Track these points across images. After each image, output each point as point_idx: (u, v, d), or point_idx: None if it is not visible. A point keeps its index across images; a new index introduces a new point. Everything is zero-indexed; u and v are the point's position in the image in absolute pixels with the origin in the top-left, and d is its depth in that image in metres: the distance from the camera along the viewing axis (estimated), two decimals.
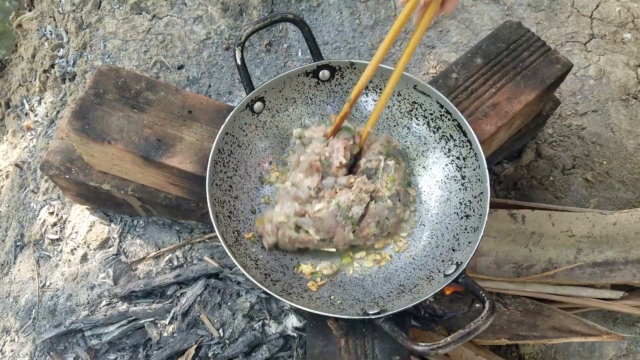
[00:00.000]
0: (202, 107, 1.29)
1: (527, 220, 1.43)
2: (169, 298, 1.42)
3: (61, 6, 1.98)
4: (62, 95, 1.86)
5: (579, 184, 1.70)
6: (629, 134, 1.78)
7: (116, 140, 1.22)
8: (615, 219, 1.43)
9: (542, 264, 1.38)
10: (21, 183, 1.75)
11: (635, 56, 1.91)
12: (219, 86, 1.81)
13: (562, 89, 1.84)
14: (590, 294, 1.39)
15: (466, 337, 0.90)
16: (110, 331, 1.39)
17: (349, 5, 1.97)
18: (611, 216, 1.44)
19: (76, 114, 1.24)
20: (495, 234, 1.41)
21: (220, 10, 1.92)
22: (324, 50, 1.89)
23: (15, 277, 1.58)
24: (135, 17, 1.90)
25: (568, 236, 1.41)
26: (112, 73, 1.31)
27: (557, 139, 1.76)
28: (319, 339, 1.08)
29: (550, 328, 1.34)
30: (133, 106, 1.27)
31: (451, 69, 1.36)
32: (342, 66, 1.24)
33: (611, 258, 1.39)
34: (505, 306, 1.37)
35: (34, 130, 1.86)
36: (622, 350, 1.48)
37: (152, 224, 1.53)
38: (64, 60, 1.90)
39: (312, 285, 1.12)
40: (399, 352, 1.04)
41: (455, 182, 1.19)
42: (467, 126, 1.13)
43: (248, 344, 1.33)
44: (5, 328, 1.52)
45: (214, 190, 1.13)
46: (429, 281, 1.07)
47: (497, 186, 1.68)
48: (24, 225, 1.65)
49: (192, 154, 1.23)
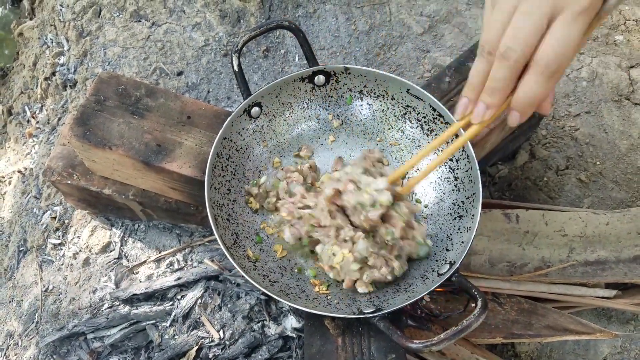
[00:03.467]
0: (200, 113, 1.31)
1: (520, 220, 1.45)
2: (170, 300, 1.44)
3: (62, 15, 2.01)
4: (63, 102, 1.89)
5: (573, 184, 1.73)
6: (622, 134, 1.81)
7: (117, 146, 1.25)
8: (608, 219, 1.45)
9: (535, 262, 1.40)
10: (23, 189, 1.78)
11: (627, 58, 1.94)
12: (218, 92, 1.84)
13: (555, 91, 1.86)
14: (584, 293, 1.41)
15: (459, 334, 0.92)
16: (112, 334, 1.41)
17: (345, 12, 2.00)
18: (604, 216, 1.46)
19: (78, 120, 1.27)
20: (490, 233, 1.44)
21: (218, 17, 1.95)
22: (321, 55, 1.92)
23: (19, 282, 1.60)
24: (134, 25, 1.93)
25: (561, 235, 1.44)
26: (113, 80, 1.33)
27: (550, 140, 1.79)
28: (317, 338, 1.11)
29: (544, 327, 1.36)
30: (133, 112, 1.29)
31: (444, 72, 1.38)
32: (336, 71, 1.26)
33: (603, 257, 1.41)
34: (500, 305, 1.39)
35: (35, 137, 1.89)
36: (616, 348, 1.50)
37: (152, 228, 1.56)
38: (65, 68, 1.93)
39: (318, 286, 1.14)
40: (395, 350, 1.07)
41: (449, 184, 1.21)
42: (460, 129, 1.16)
43: (248, 345, 1.35)
44: (9, 332, 1.54)
45: (212, 193, 1.15)
46: (423, 280, 1.09)
47: (492, 187, 1.71)
48: (26, 230, 1.67)
49: (191, 158, 1.26)
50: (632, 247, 1.42)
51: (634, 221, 1.45)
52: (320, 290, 1.13)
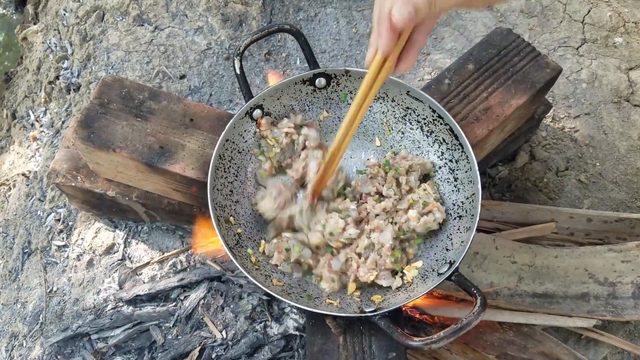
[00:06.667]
0: (203, 115, 1.33)
1: (472, 241, 1.44)
2: (173, 301, 1.46)
3: (65, 19, 2.03)
4: (67, 106, 1.91)
5: (573, 185, 1.74)
6: (621, 135, 1.82)
7: (121, 148, 1.26)
8: (557, 253, 1.46)
9: (483, 287, 1.39)
10: (28, 192, 1.79)
11: (626, 60, 1.95)
12: (220, 95, 1.86)
13: (555, 93, 1.88)
14: (563, 323, 1.40)
15: (459, 332, 0.93)
16: (116, 334, 1.42)
17: (346, 15, 2.02)
18: (552, 250, 1.47)
19: (82, 123, 1.28)
20: None
21: (220, 21, 1.97)
22: (322, 58, 1.94)
23: (23, 284, 1.61)
24: (137, 29, 1.95)
25: (511, 262, 1.43)
26: (116, 83, 1.35)
27: (550, 142, 1.80)
28: (318, 337, 1.12)
29: (539, 353, 1.37)
30: (137, 115, 1.31)
31: (444, 75, 1.40)
32: (337, 74, 1.28)
33: (551, 290, 1.41)
34: (499, 324, 1.39)
35: (39, 140, 1.91)
36: (616, 349, 1.50)
37: (155, 230, 1.57)
38: (68, 72, 1.95)
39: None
40: (395, 348, 1.08)
41: (449, 184, 1.22)
42: (459, 130, 1.17)
43: (250, 345, 1.36)
44: (14, 333, 1.55)
45: (215, 194, 1.16)
46: (424, 280, 1.11)
47: (492, 188, 1.72)
48: (31, 232, 1.69)
49: (194, 160, 1.27)
50: (579, 283, 1.43)
51: (582, 257, 1.46)
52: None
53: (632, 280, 1.43)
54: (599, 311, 1.39)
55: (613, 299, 1.42)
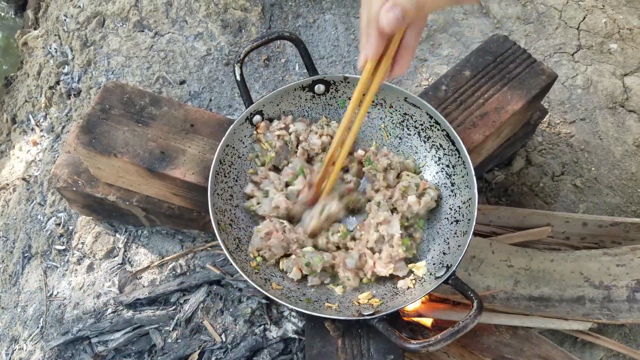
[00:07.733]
0: (203, 121, 1.35)
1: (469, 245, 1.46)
2: (173, 305, 1.47)
3: (66, 25, 2.05)
4: (67, 111, 1.92)
5: (569, 189, 1.76)
6: (616, 140, 1.84)
7: (122, 153, 1.27)
8: (553, 257, 1.48)
9: (480, 290, 1.41)
10: (28, 196, 1.80)
11: (621, 66, 1.97)
12: (220, 100, 1.87)
13: (550, 99, 1.90)
14: (559, 326, 1.41)
15: (456, 335, 0.95)
16: (116, 338, 1.43)
17: (344, 21, 2.04)
18: (548, 254, 1.49)
19: (83, 128, 1.30)
20: None
21: (220, 27, 1.99)
22: (321, 64, 1.96)
23: (24, 288, 1.62)
24: (137, 35, 1.97)
25: (507, 266, 1.45)
26: (118, 89, 1.36)
27: (546, 147, 1.82)
28: (317, 340, 1.13)
29: (535, 355, 1.38)
30: (138, 121, 1.32)
31: (441, 81, 1.42)
32: (336, 80, 1.30)
33: (547, 294, 1.43)
34: (496, 327, 1.41)
35: (40, 144, 1.92)
36: (612, 351, 1.52)
37: (156, 234, 1.58)
38: (69, 77, 1.97)
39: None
40: (393, 351, 1.09)
41: (445, 189, 1.24)
42: (455, 135, 1.19)
43: (250, 348, 1.37)
44: (14, 337, 1.56)
45: (215, 199, 1.18)
46: (421, 283, 1.12)
47: (489, 193, 1.74)
48: (31, 237, 1.70)
49: (195, 165, 1.29)
50: (574, 287, 1.45)
51: (577, 261, 1.48)
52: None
53: (626, 283, 1.45)
54: (595, 314, 1.41)
55: (608, 302, 1.43)
